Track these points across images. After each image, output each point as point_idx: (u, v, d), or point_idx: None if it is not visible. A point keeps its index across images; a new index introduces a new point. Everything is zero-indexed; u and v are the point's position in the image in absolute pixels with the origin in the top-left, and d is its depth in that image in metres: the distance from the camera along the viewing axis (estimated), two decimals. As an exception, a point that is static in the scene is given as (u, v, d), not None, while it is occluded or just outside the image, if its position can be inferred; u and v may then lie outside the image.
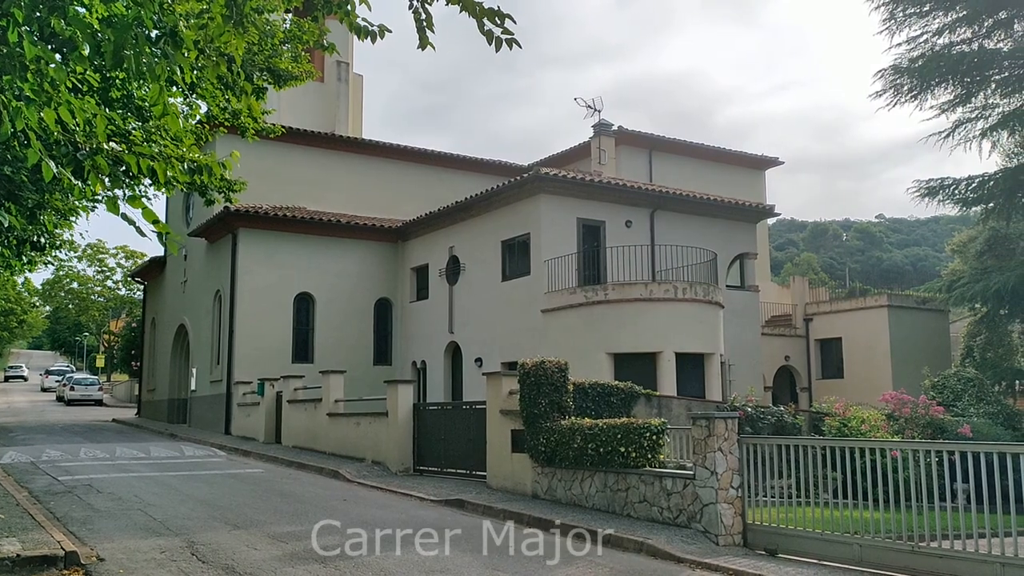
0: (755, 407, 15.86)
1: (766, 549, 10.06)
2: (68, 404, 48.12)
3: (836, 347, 31.72)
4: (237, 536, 10.64)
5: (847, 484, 9.54)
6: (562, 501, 13.10)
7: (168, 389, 33.72)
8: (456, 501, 13.61)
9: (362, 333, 28.48)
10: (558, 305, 21.85)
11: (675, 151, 32.64)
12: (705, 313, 21.36)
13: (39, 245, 12.71)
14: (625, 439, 11.92)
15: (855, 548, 9.23)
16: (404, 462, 17.46)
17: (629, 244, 23.19)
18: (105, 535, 10.56)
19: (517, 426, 14.16)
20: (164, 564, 9.01)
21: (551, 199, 22.96)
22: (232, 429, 26.39)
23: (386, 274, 29.20)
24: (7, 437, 25.48)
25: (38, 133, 5.15)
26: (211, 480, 16.47)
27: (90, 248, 68.37)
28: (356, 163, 31.01)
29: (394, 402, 17.79)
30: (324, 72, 33.71)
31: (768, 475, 10.46)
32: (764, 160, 35.94)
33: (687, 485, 10.97)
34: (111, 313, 74.04)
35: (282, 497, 14.45)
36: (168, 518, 11.82)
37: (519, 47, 6.25)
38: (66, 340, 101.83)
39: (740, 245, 26.37)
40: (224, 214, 26.23)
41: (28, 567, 8.71)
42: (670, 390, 19.92)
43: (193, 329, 31.07)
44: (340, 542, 10.54)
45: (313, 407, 21.63)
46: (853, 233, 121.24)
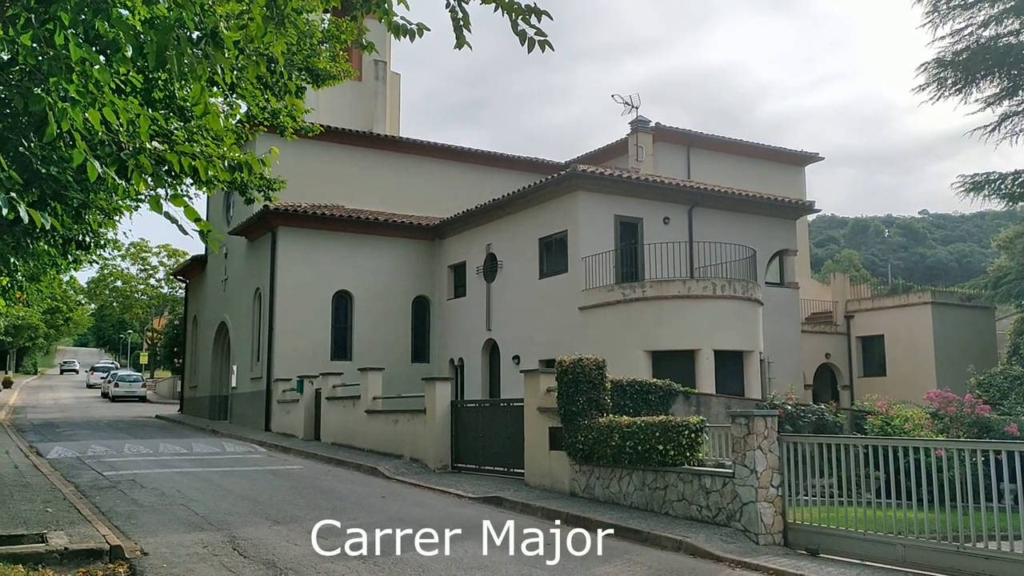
0: (795, 405, 15.65)
1: (807, 549, 9.92)
2: (112, 400, 49.08)
3: (878, 344, 31.20)
4: (277, 531, 10.76)
5: (890, 483, 9.37)
6: (600, 499, 13.05)
7: (210, 386, 34.22)
8: (494, 499, 13.62)
9: (400, 331, 28.65)
10: (596, 302, 21.78)
11: (713, 147, 32.35)
12: (744, 310, 21.14)
13: (84, 244, 12.93)
14: (663, 437, 11.83)
15: (899, 548, 9.07)
16: (442, 459, 17.52)
17: (667, 241, 23.02)
18: (149, 529, 10.74)
19: (555, 424, 14.13)
20: (206, 559, 9.14)
21: (588, 196, 22.88)
22: (272, 426, 26.70)
23: (423, 272, 29.33)
24: (54, 433, 26.06)
25: (83, 134, 5.24)
26: (251, 476, 16.68)
27: (133, 247, 69.71)
28: (393, 161, 31.20)
29: (432, 399, 17.86)
30: (362, 71, 33.93)
31: (809, 474, 10.32)
32: (804, 156, 35.46)
33: (726, 483, 10.86)
34: (154, 311, 75.38)
35: (321, 493, 14.59)
36: (210, 513, 11.99)
37: (551, 49, 6.20)
38: (111, 337, 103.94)
39: (779, 242, 26.06)
40: (264, 212, 26.54)
41: (75, 560, 8.88)
42: (709, 388, 19.76)
43: (233, 327, 31.50)
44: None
45: (351, 404, 21.80)
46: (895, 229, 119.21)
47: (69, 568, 8.66)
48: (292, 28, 13.41)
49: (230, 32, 6.54)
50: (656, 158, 29.74)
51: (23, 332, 67.60)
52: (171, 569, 8.63)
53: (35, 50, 5.46)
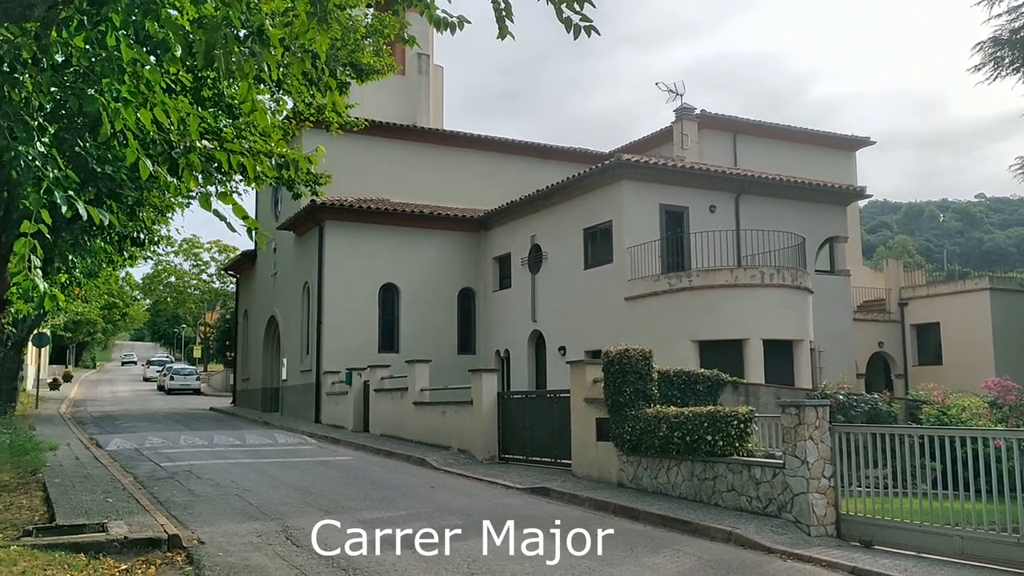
0: (847, 395, 15.38)
1: (861, 540, 9.75)
2: (168, 393, 50.26)
3: (934, 332, 30.47)
4: (329, 521, 10.90)
5: (947, 474, 9.14)
6: (648, 490, 13.00)
7: (261, 378, 34.83)
8: (541, 489, 13.64)
9: (446, 323, 28.82)
10: (641, 292, 21.65)
11: (760, 134, 31.86)
12: (793, 299, 20.83)
13: (139, 241, 13.27)
14: (712, 427, 11.73)
15: (956, 540, 8.87)
16: (489, 450, 17.60)
17: (713, 230, 22.77)
18: (205, 519, 10.99)
19: (602, 414, 14.09)
20: (260, 547, 9.32)
21: (633, 185, 22.73)
22: (322, 417, 27.09)
23: (469, 264, 29.44)
24: (113, 425, 26.77)
25: (135, 133, 5.36)
26: (303, 467, 16.95)
27: (186, 243, 71.20)
28: (438, 154, 31.34)
29: (478, 391, 17.95)
30: (405, 65, 34.13)
31: (863, 464, 10.13)
32: (854, 140, 34.73)
33: (777, 474, 10.73)
34: (206, 305, 76.93)
35: (371, 484, 14.77)
36: (263, 503, 12.22)
37: (597, 34, 6.16)
38: (165, 332, 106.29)
39: (829, 228, 25.60)
40: (311, 207, 26.87)
41: (135, 549, 9.12)
42: (758, 378, 19.54)
43: (283, 320, 31.99)
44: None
45: (399, 396, 22.01)
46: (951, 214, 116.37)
47: (129, 557, 8.89)
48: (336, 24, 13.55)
49: (275, 29, 6.64)
50: (702, 146, 29.39)
51: (82, 328, 69.49)
52: (227, 558, 8.82)
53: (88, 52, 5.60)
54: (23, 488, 12.67)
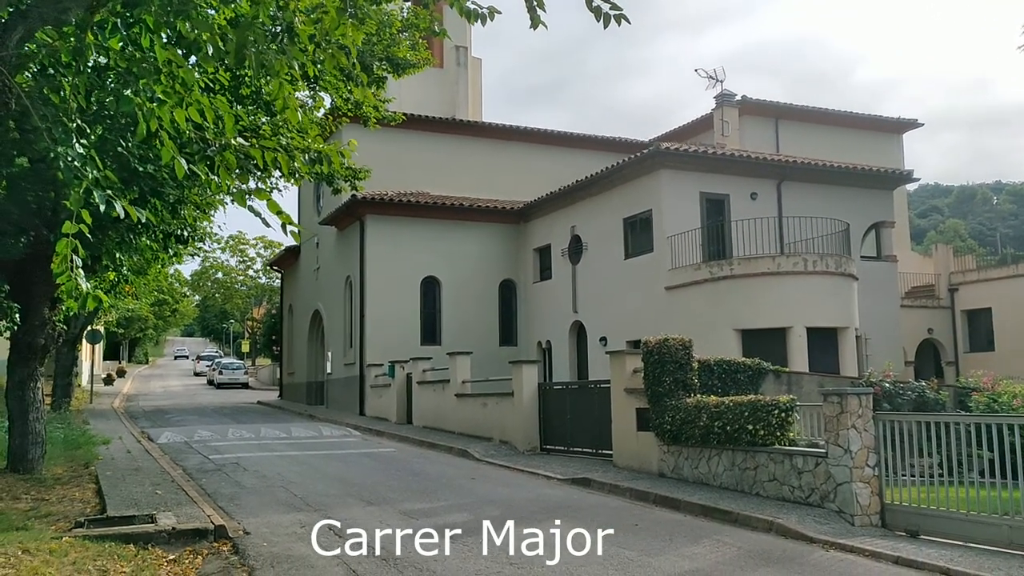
0: (893, 383, 15.08)
1: (906, 530, 9.59)
2: (217, 387, 51.22)
3: (985, 318, 29.74)
4: (371, 512, 11.05)
5: (995, 464, 8.92)
6: (689, 479, 12.92)
7: (306, 372, 35.32)
8: (582, 480, 13.65)
9: (487, 315, 28.91)
10: (682, 282, 21.48)
11: (803, 118, 31.36)
12: (837, 286, 20.49)
13: (183, 238, 13.53)
14: (752, 417, 11.62)
15: (1004, 530, 8.68)
16: (530, 441, 17.65)
17: (755, 217, 22.47)
18: (250, 510, 11.20)
19: (642, 404, 14.04)
20: (303, 538, 9.47)
21: (672, 174, 22.54)
22: (366, 410, 27.39)
23: (509, 255, 29.49)
24: (164, 419, 27.39)
25: (170, 133, 5.47)
26: (347, 459, 17.17)
27: (232, 239, 72.41)
28: (476, 146, 31.40)
29: (519, 382, 18.00)
30: (443, 58, 34.22)
31: (909, 453, 9.93)
32: (901, 123, 33.98)
33: (819, 463, 10.60)
34: (253, 301, 78.20)
35: (413, 475, 14.92)
36: (307, 495, 12.41)
37: (628, 22, 6.11)
38: (214, 327, 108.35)
39: (875, 213, 25.12)
40: (351, 202, 27.12)
41: (182, 539, 9.34)
42: (802, 366, 19.28)
43: (327, 314, 32.39)
44: (468, 518, 10.80)
45: (441, 388, 22.16)
46: (1005, 196, 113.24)
47: (176, 547, 9.11)
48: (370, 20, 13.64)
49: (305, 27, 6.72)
50: (743, 132, 28.99)
51: (134, 324, 71.21)
52: (271, 548, 8.99)
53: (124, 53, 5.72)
54: (76, 481, 13.03)
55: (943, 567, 7.96)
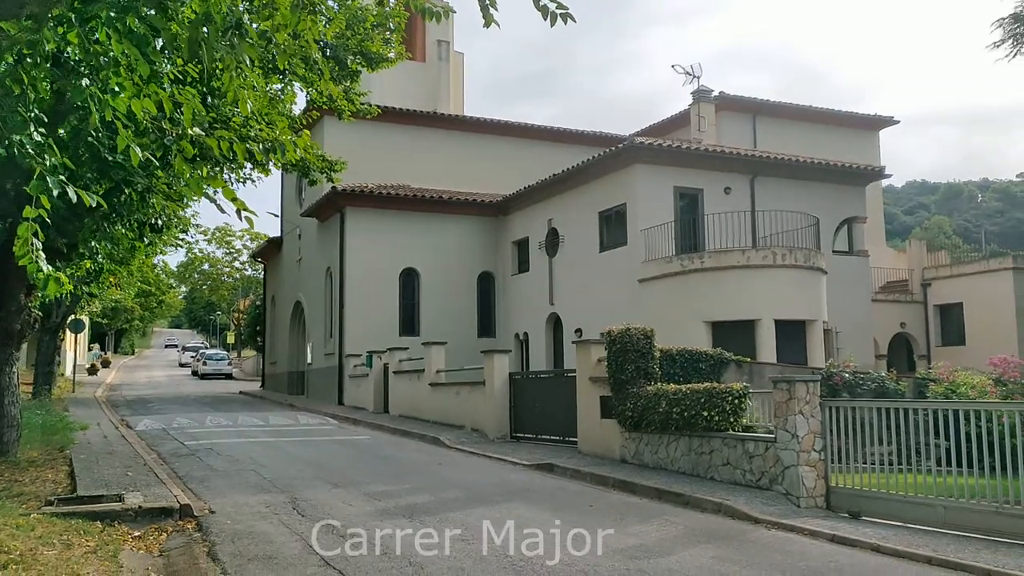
0: (853, 373, 15.50)
1: (849, 512, 9.98)
2: (201, 378, 51.35)
3: (957, 313, 30.24)
4: (336, 494, 11.37)
5: (952, 452, 9.13)
6: (649, 465, 13.30)
7: (288, 362, 35.57)
8: (546, 465, 14.00)
9: (466, 306, 29.22)
10: (654, 274, 21.85)
11: (781, 115, 31.76)
12: (806, 279, 20.91)
13: (157, 227, 13.78)
14: (708, 403, 11.99)
15: (939, 510, 9.08)
16: (501, 429, 17.99)
17: (728, 211, 22.85)
18: (219, 491, 11.51)
19: (605, 393, 14.40)
20: (267, 517, 9.79)
21: (646, 168, 22.89)
22: (344, 399, 27.69)
23: (488, 248, 29.80)
24: (146, 407, 27.61)
25: (124, 122, 5.76)
26: (320, 445, 17.48)
27: (219, 231, 72.44)
28: (457, 140, 31.67)
29: (491, 371, 18.34)
30: (425, 52, 34.47)
31: (869, 441, 10.18)
32: (877, 120, 34.45)
33: (768, 448, 10.98)
34: (240, 292, 78.24)
35: (382, 461, 15.26)
36: (276, 477, 12.72)
37: (573, 21, 6.40)
38: (201, 319, 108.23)
39: (848, 209, 25.55)
40: (332, 194, 27.37)
41: (148, 517, 9.65)
42: (770, 358, 19.69)
43: (308, 305, 32.64)
44: (429, 500, 11.16)
45: (417, 377, 22.48)
46: (990, 194, 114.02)
47: (142, 524, 9.42)
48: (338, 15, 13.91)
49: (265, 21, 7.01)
50: (721, 128, 29.38)
51: (120, 315, 71.10)
52: (234, 525, 9.30)
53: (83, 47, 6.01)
54: (50, 464, 13.29)
55: (874, 544, 8.35)
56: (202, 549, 8.36)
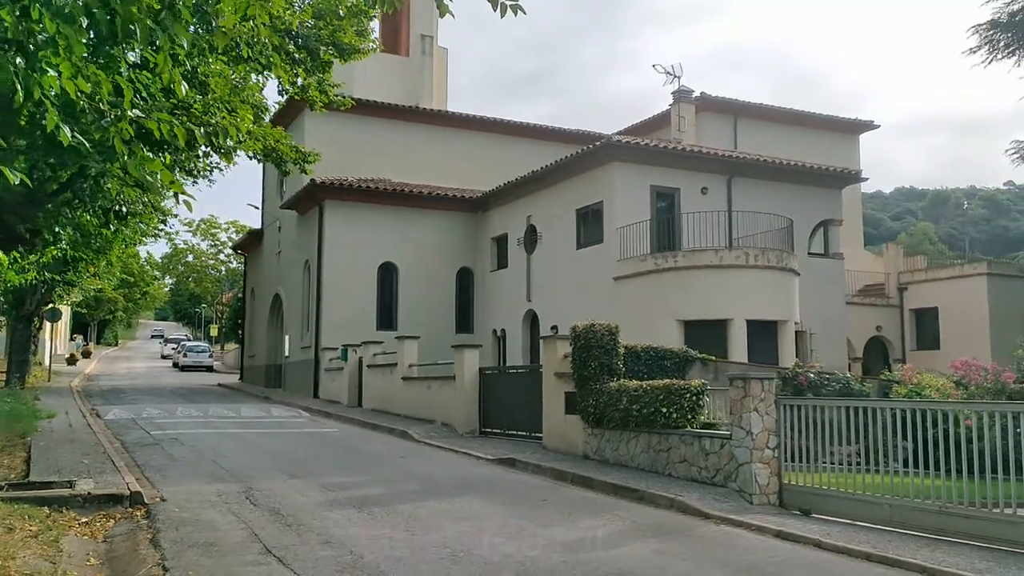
0: (818, 373, 15.58)
1: (800, 509, 10.02)
2: (182, 370, 51.13)
3: (932, 317, 30.42)
4: (292, 484, 11.35)
5: (919, 453, 9.01)
6: (610, 461, 13.31)
7: (266, 355, 35.44)
8: (508, 460, 14.00)
9: (444, 302, 29.17)
10: (629, 272, 21.87)
11: (762, 117, 31.83)
12: (778, 280, 20.97)
13: (121, 214, 13.67)
14: (667, 400, 12.01)
15: (884, 508, 9.13)
16: (470, 424, 17.97)
17: (705, 211, 22.88)
18: (175, 480, 11.47)
19: (570, 388, 14.40)
20: (217, 505, 9.77)
21: (624, 167, 22.89)
22: (320, 393, 27.61)
23: (468, 244, 29.76)
24: (119, 397, 27.45)
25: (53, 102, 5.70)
26: (287, 437, 17.43)
27: (204, 223, 72.14)
28: (439, 135, 31.60)
29: (461, 366, 18.31)
30: (409, 46, 34.40)
31: (830, 441, 10.10)
32: (858, 124, 34.59)
33: (724, 445, 11.01)
34: (225, 285, 77.93)
35: (347, 452, 15.23)
36: (236, 468, 12.68)
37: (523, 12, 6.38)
38: (187, 311, 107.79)
39: (824, 211, 25.64)
40: (311, 187, 27.28)
41: (97, 504, 9.62)
42: (741, 357, 19.73)
43: (286, 298, 32.52)
44: (384, 492, 11.14)
45: (390, 371, 22.43)
46: (977, 201, 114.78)
47: (90, 511, 9.37)
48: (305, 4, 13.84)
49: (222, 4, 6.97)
50: (702, 129, 29.44)
51: (103, 305, 70.67)
52: (182, 513, 9.26)
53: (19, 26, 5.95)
54: (8, 450, 13.22)
55: (816, 540, 8.38)
56: (145, 536, 8.33)
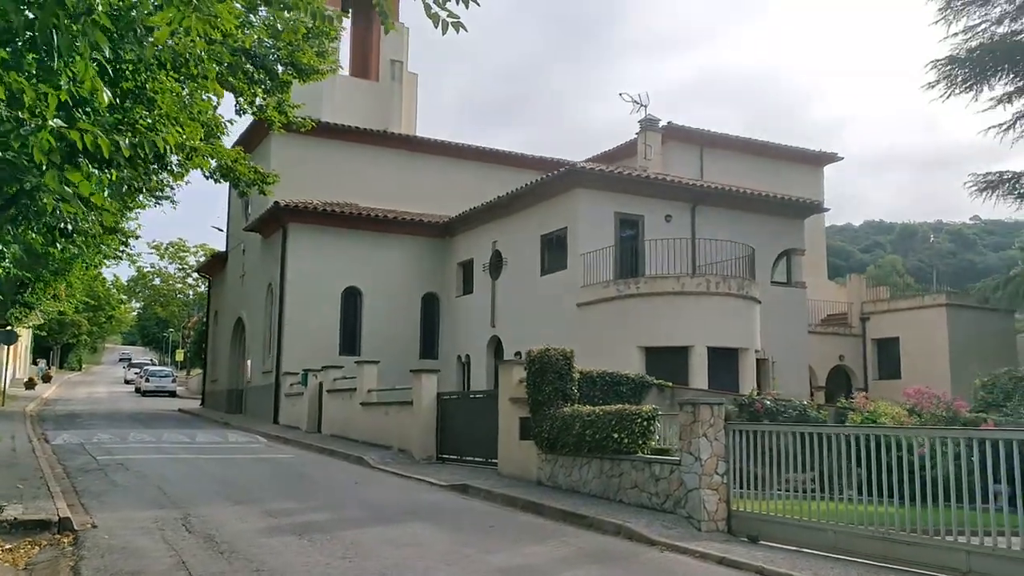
0: (775, 400, 15.56)
1: (748, 536, 9.89)
2: (143, 395, 50.18)
3: (893, 347, 30.66)
4: (234, 511, 11.04)
5: (872, 479, 8.91)
6: (563, 487, 13.12)
7: (228, 379, 34.89)
8: (461, 486, 13.77)
9: (409, 327, 28.92)
10: (592, 299, 21.82)
11: (727, 146, 32.07)
12: (739, 308, 21.01)
13: (66, 232, 13.37)
14: (618, 425, 11.88)
15: (830, 535, 9.03)
16: (427, 450, 17.71)
17: (669, 238, 22.93)
18: (111, 507, 11.12)
19: (525, 413, 14.23)
20: (150, 532, 9.45)
21: (588, 193, 22.92)
22: (280, 418, 27.17)
23: (433, 269, 29.59)
24: (72, 422, 26.81)
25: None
26: (240, 464, 17.05)
27: (171, 246, 71.43)
28: (407, 160, 31.53)
29: (419, 391, 18.07)
30: (379, 71, 34.41)
31: (784, 467, 10.01)
32: (823, 156, 34.99)
33: (673, 471, 10.88)
34: (192, 309, 76.99)
35: (298, 479, 14.91)
36: (178, 494, 12.33)
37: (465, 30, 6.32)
38: (155, 336, 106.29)
39: (786, 241, 25.81)
40: (275, 209, 27.03)
41: (23, 530, 9.27)
42: (702, 384, 19.69)
43: (249, 321, 32.10)
44: (329, 518, 10.88)
45: (349, 396, 22.12)
46: (944, 235, 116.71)
47: (16, 537, 9.02)
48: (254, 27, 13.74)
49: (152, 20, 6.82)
50: (669, 158, 29.63)
51: (66, 329, 69.46)
52: (111, 540, 8.94)
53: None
54: (-59, 473, 12.79)
55: (759, 567, 8.25)
56: (67, 564, 8.02)
